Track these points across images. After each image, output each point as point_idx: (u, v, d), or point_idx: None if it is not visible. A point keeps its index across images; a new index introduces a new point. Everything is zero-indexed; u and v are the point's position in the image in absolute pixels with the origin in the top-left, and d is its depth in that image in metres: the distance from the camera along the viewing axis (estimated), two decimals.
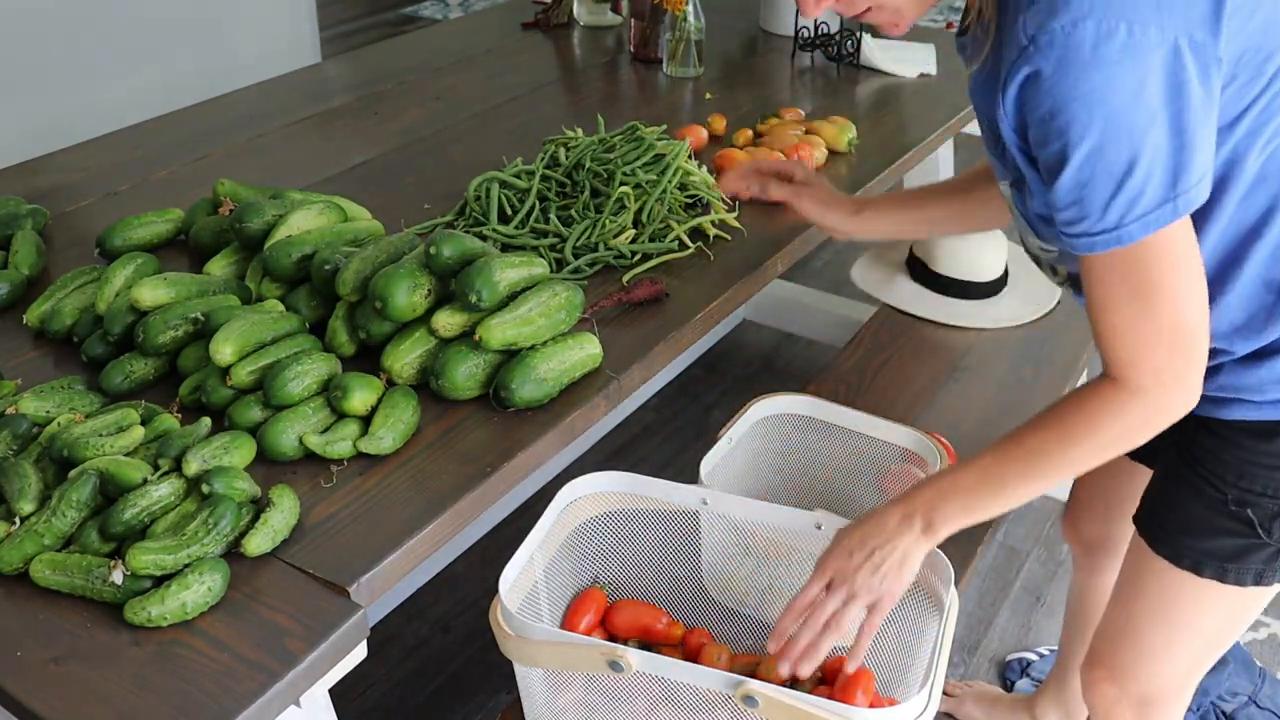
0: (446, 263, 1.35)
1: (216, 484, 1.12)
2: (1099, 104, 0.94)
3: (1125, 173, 0.96)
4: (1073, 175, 0.98)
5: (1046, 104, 0.96)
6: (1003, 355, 2.16)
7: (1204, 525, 1.24)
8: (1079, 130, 0.95)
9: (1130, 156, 0.95)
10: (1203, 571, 1.26)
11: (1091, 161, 0.96)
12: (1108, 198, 0.97)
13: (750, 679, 1.11)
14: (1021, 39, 0.96)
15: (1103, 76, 0.93)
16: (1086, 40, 0.93)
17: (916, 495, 1.16)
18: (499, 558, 1.30)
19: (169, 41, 3.49)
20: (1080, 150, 0.96)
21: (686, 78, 2.38)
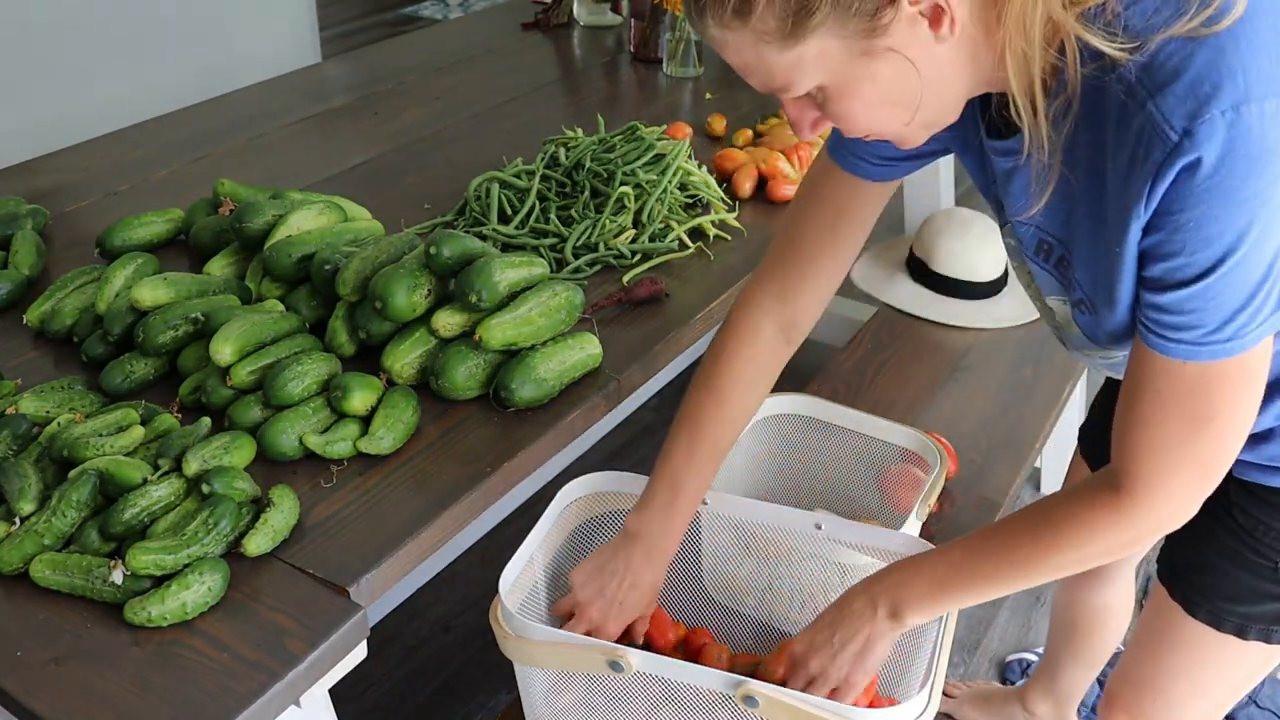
0: (446, 263, 1.35)
1: (216, 484, 1.12)
2: (1261, 205, 0.80)
3: (1263, 278, 0.83)
4: (1207, 286, 0.83)
5: (1200, 208, 0.81)
6: (1003, 355, 2.16)
7: (1251, 592, 1.17)
8: (1232, 239, 0.81)
9: (1272, 260, 0.83)
10: (1246, 635, 1.20)
11: (1232, 275, 0.82)
12: (1234, 310, 0.84)
13: (750, 679, 1.11)
14: (1169, 133, 0.79)
15: (1269, 176, 0.78)
16: (1254, 127, 0.77)
17: (884, 578, 1.11)
18: (499, 558, 1.30)
19: (169, 41, 3.48)
20: (1227, 264, 0.82)
21: (686, 78, 2.38)
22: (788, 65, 0.85)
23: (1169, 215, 0.83)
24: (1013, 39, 0.82)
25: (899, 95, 0.87)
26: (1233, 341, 0.86)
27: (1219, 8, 0.79)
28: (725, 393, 1.24)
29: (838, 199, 1.16)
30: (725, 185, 1.83)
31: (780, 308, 1.22)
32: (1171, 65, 0.79)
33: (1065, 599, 1.75)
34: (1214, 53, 0.79)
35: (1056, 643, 1.82)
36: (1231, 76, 0.78)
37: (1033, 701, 1.92)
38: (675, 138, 1.87)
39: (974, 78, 0.89)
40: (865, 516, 1.65)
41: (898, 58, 0.84)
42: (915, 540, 1.32)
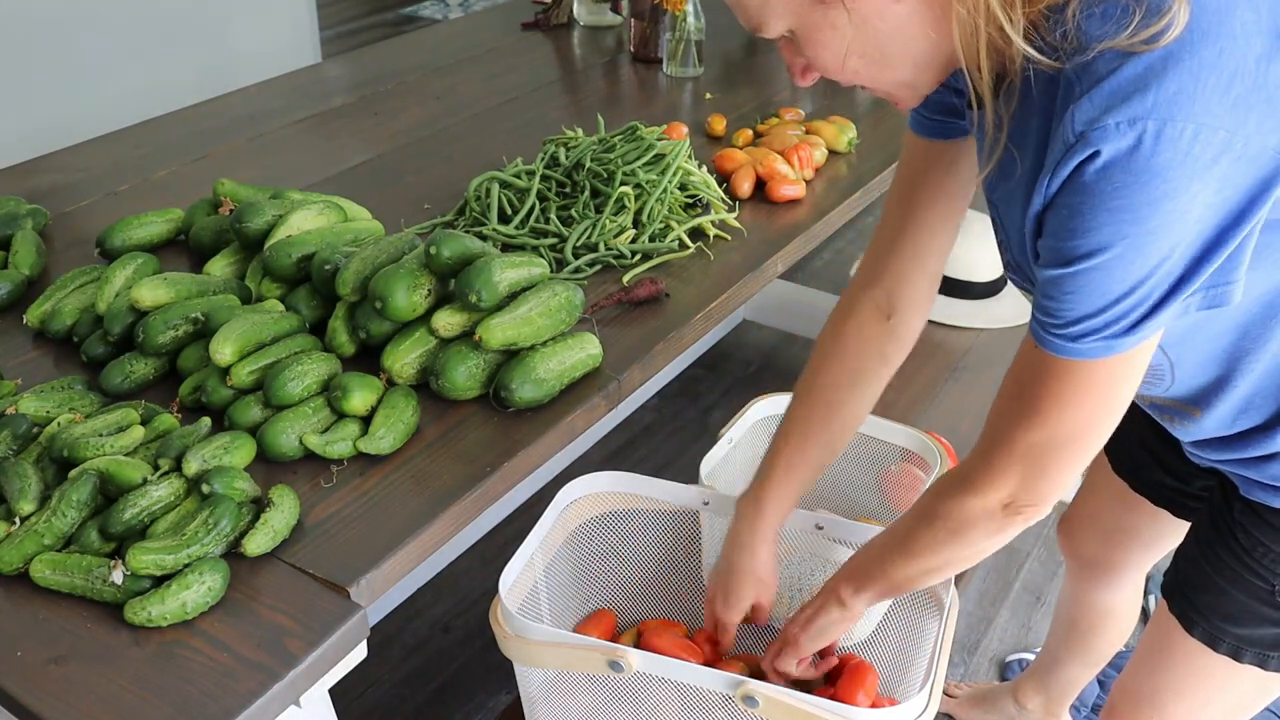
0: (446, 263, 1.35)
1: (216, 484, 1.12)
2: (1131, 222, 0.81)
3: (1120, 296, 0.85)
4: (1065, 279, 0.86)
5: (1075, 200, 0.83)
6: (1003, 355, 2.16)
7: (1247, 614, 1.17)
8: (1094, 243, 0.83)
9: (1134, 282, 0.84)
10: (1241, 658, 1.19)
11: (1090, 275, 0.84)
12: (1087, 313, 0.87)
13: (750, 679, 1.11)
14: (1069, 134, 0.81)
15: (1146, 195, 0.79)
16: (1144, 144, 0.78)
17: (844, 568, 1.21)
18: (499, 558, 1.30)
19: (169, 41, 3.49)
20: (1086, 262, 0.84)
21: (686, 78, 2.38)
22: (758, 6, 0.91)
23: (1054, 201, 0.85)
24: (957, 8, 0.85)
25: (862, 48, 0.91)
26: (1075, 343, 0.89)
27: (1164, 25, 0.79)
28: (818, 369, 1.30)
29: (911, 160, 1.18)
30: (725, 185, 1.83)
31: (873, 284, 1.25)
32: (1102, 73, 0.81)
33: (1071, 595, 1.75)
34: (1141, 68, 0.79)
35: (1057, 638, 1.82)
36: (1143, 91, 0.78)
37: (1026, 695, 1.92)
38: (673, 138, 1.87)
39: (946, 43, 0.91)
40: (865, 516, 1.65)
41: (853, 10, 0.88)
42: None
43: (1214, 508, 1.20)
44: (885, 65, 0.93)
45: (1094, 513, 1.61)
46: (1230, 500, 1.16)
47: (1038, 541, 2.53)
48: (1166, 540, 1.50)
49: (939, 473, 1.53)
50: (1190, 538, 1.26)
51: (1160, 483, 1.40)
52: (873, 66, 0.93)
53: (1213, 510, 1.20)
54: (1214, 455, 1.13)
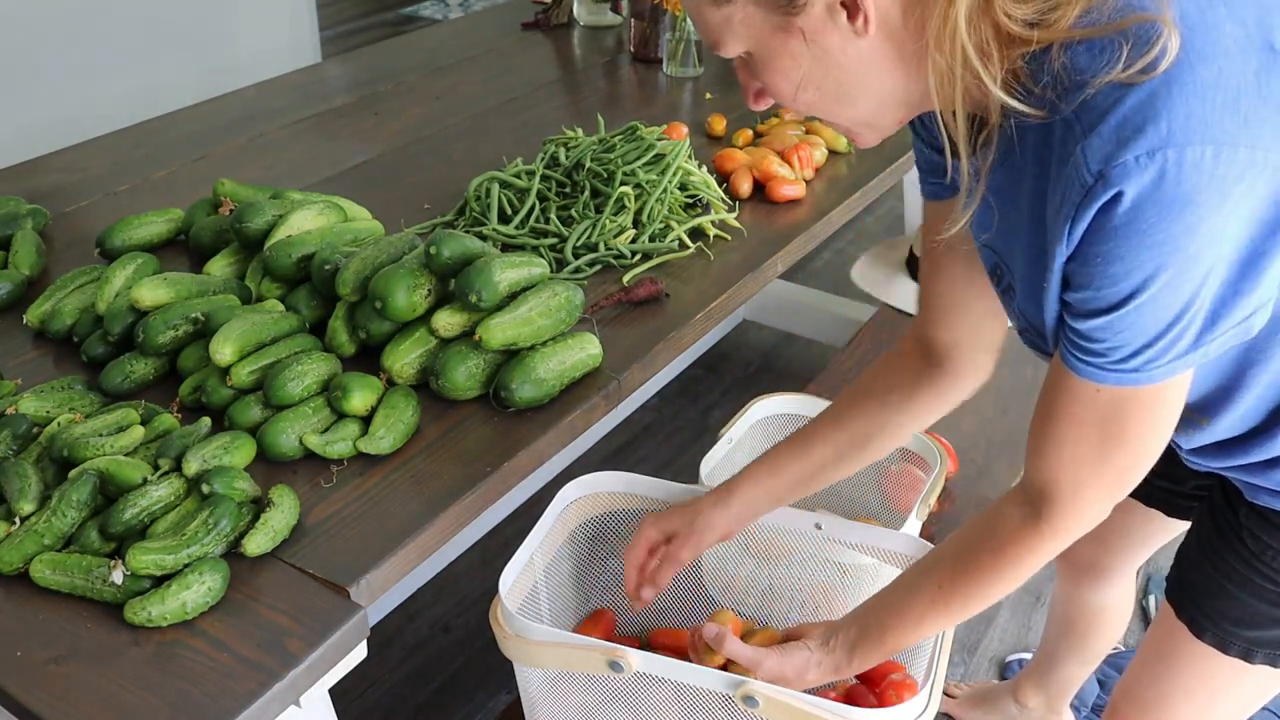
0: (446, 263, 1.35)
1: (216, 484, 1.12)
2: (1172, 253, 0.80)
3: (1173, 321, 0.84)
4: (1114, 321, 0.85)
5: (1107, 246, 0.81)
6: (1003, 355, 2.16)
7: (1258, 617, 1.17)
8: (1143, 282, 0.82)
9: (1186, 303, 0.83)
10: (1253, 659, 1.19)
11: (1141, 310, 0.83)
12: (1143, 344, 0.86)
13: (750, 679, 1.11)
14: (1085, 175, 0.80)
15: (1183, 223, 0.78)
16: (1168, 175, 0.77)
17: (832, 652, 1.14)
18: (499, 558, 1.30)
19: (169, 41, 3.49)
20: (1134, 301, 0.83)
21: (686, 78, 2.38)
22: (719, 23, 0.89)
23: (1083, 249, 0.84)
24: (934, 55, 0.84)
25: (820, 81, 0.90)
26: (1140, 373, 0.88)
27: (1156, 54, 0.78)
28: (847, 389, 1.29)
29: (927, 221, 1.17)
30: (725, 185, 1.83)
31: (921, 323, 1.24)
32: (1103, 108, 0.79)
33: (1064, 595, 1.75)
34: (1144, 96, 0.78)
35: (1053, 638, 1.82)
36: (1155, 120, 0.77)
37: (1025, 694, 1.92)
38: (673, 138, 1.87)
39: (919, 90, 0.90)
40: (865, 516, 1.65)
41: (813, 42, 0.87)
42: (915, 540, 1.32)
43: (1217, 511, 1.20)
44: (842, 100, 0.92)
45: None
46: (1235, 505, 1.16)
47: None
48: (1158, 538, 1.51)
49: (939, 473, 1.53)
50: (1193, 541, 1.26)
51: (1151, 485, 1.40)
52: (829, 100, 0.92)
53: (1215, 514, 1.20)
54: (1213, 462, 1.13)
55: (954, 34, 0.82)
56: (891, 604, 1.13)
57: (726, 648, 1.16)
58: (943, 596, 1.08)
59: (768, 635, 1.20)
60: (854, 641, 1.14)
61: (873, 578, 1.39)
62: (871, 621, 1.14)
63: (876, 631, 1.13)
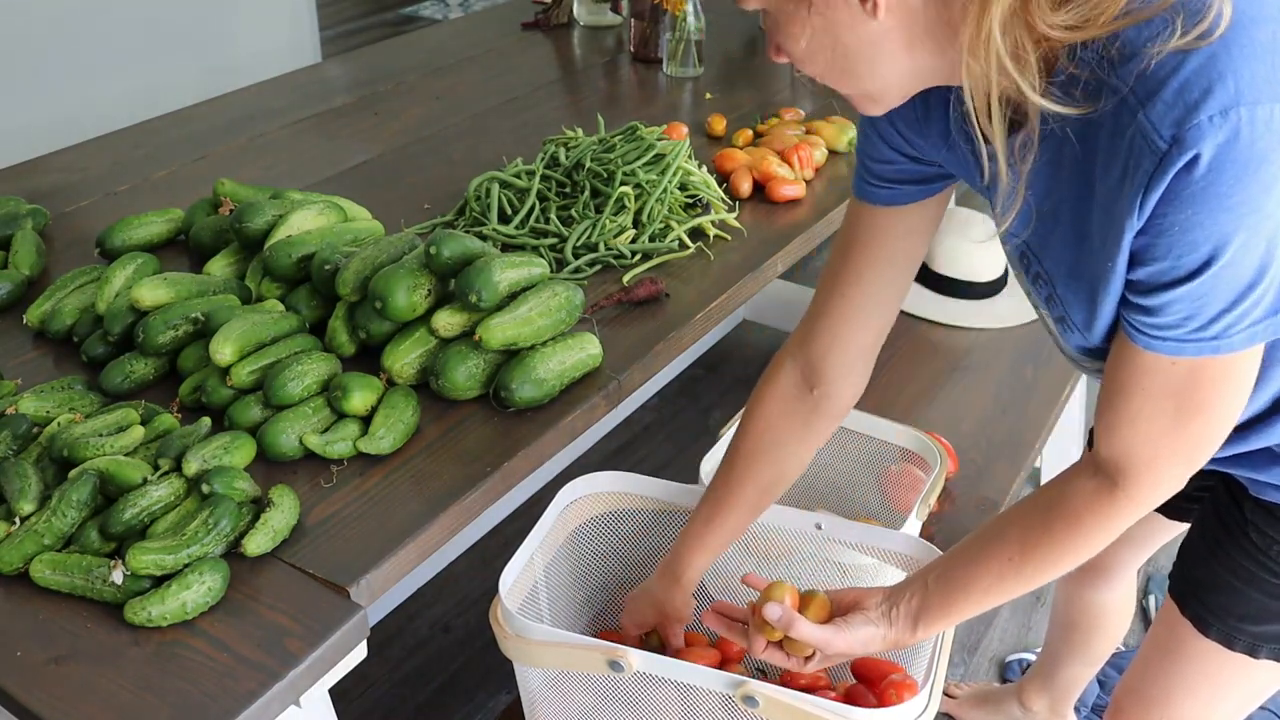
0: (446, 263, 1.35)
1: (216, 484, 1.12)
2: (1251, 213, 0.79)
3: (1251, 283, 0.83)
4: (1192, 289, 0.83)
5: (1186, 213, 0.80)
6: (1003, 355, 2.16)
7: (1264, 612, 1.16)
8: (1222, 246, 0.81)
9: (1262, 265, 0.82)
10: (1258, 654, 1.19)
11: (1219, 276, 0.82)
12: (1222, 309, 0.84)
13: (750, 679, 1.11)
14: (1157, 142, 0.79)
15: (1259, 182, 0.78)
16: (1242, 133, 0.77)
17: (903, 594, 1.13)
18: (499, 558, 1.30)
19: (169, 41, 3.49)
20: (1212, 267, 0.82)
21: (686, 78, 2.38)
22: None
23: (1157, 220, 0.82)
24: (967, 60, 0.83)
25: (827, 53, 0.90)
26: (1219, 340, 0.86)
27: (1211, 21, 0.78)
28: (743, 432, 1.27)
29: (849, 228, 1.16)
30: (725, 185, 1.83)
31: (799, 351, 1.23)
32: (1162, 74, 0.79)
33: (1065, 596, 1.75)
34: (1204, 59, 0.78)
35: (1056, 640, 1.82)
36: (1221, 81, 0.77)
37: (1029, 697, 1.92)
38: (673, 138, 1.87)
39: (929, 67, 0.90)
40: (865, 516, 1.65)
41: (821, 14, 0.87)
42: (915, 540, 1.32)
43: (1221, 508, 1.20)
44: (847, 74, 0.92)
45: None
46: (1240, 501, 1.15)
47: None
48: (1158, 538, 1.51)
49: (939, 473, 1.53)
50: (1197, 538, 1.26)
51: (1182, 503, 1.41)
52: (834, 71, 0.92)
53: (1220, 510, 1.20)
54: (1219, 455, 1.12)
55: (988, 41, 0.81)
56: (957, 576, 1.10)
57: (795, 630, 1.13)
58: (1013, 568, 1.06)
59: (821, 604, 1.17)
60: (917, 612, 1.12)
61: (873, 578, 1.39)
62: (935, 590, 1.11)
63: (941, 602, 1.11)
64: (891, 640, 1.13)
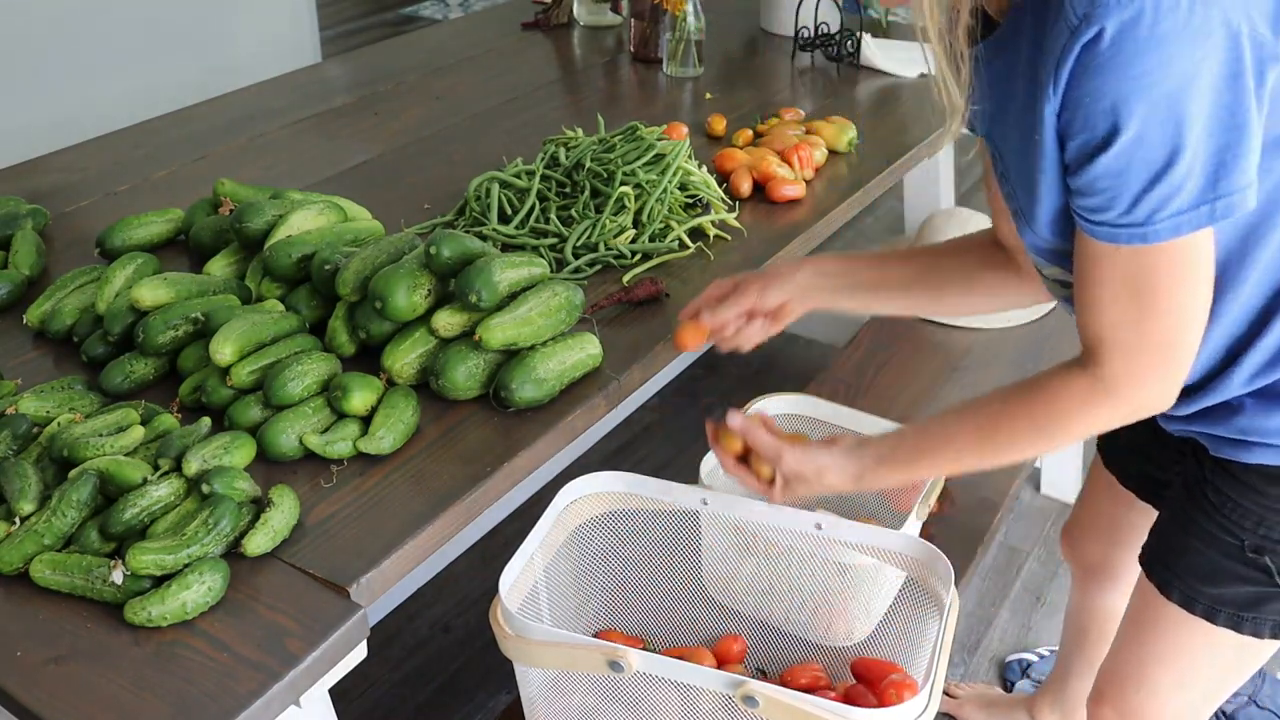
0: (446, 263, 1.35)
1: (216, 484, 1.12)
2: (1150, 86, 0.87)
3: (1165, 165, 0.90)
4: (1109, 162, 0.91)
5: (1094, 82, 0.89)
6: (1003, 355, 2.16)
7: (1219, 572, 1.19)
8: (1125, 114, 0.89)
9: (1173, 148, 0.89)
10: (1216, 619, 1.21)
11: (1131, 149, 0.90)
12: (1140, 190, 0.91)
13: (750, 679, 1.11)
14: (1072, 18, 0.88)
15: (1158, 58, 0.86)
16: (1145, 14, 0.85)
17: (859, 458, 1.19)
18: (499, 558, 1.30)
19: (169, 41, 3.49)
20: (1123, 136, 0.89)
21: (686, 78, 2.38)
22: None
23: (1070, 93, 0.91)
24: None
25: None
26: (1145, 228, 0.93)
27: None
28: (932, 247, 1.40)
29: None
30: (725, 185, 1.83)
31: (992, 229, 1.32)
32: None
33: (1076, 603, 1.76)
34: None
35: (1068, 649, 1.82)
36: None
37: (1041, 710, 1.92)
38: (673, 138, 1.87)
39: None
40: (865, 516, 1.65)
41: None
42: (915, 540, 1.32)
43: (1187, 474, 1.22)
44: None
45: (1093, 515, 1.63)
46: (1201, 462, 1.19)
47: (1038, 542, 2.53)
48: None
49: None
50: (1166, 511, 1.29)
51: (1144, 474, 1.44)
52: None
53: (1186, 476, 1.22)
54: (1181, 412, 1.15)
55: None
56: (931, 432, 1.16)
57: (752, 437, 1.19)
58: (985, 436, 1.11)
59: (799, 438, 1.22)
60: (883, 455, 1.17)
61: (873, 578, 1.39)
62: (907, 443, 1.18)
63: (909, 453, 1.17)
64: (851, 473, 1.19)
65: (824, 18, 2.48)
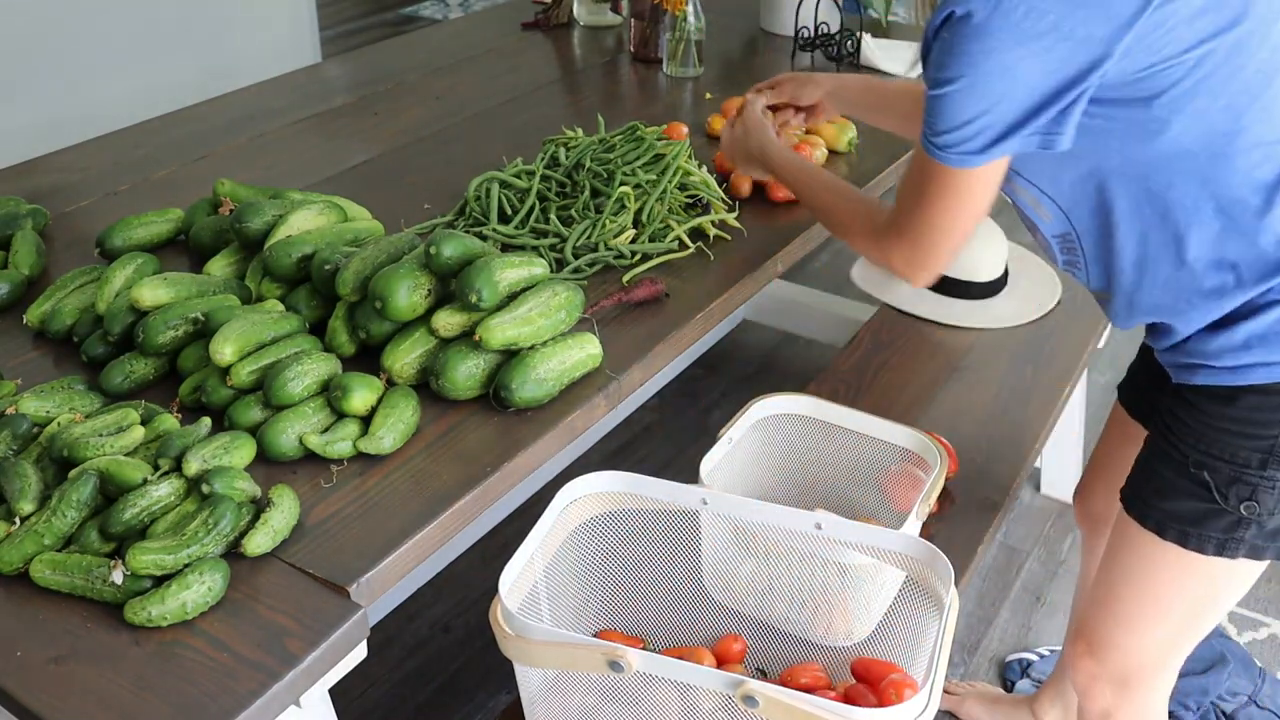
0: (446, 263, 1.35)
1: (216, 484, 1.12)
2: (969, 66, 1.12)
3: (968, 120, 1.15)
4: (932, 99, 1.18)
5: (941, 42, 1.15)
6: (1003, 355, 2.16)
7: (1169, 487, 1.31)
8: (947, 76, 1.15)
9: (978, 111, 1.14)
10: (1166, 534, 1.32)
11: (946, 99, 1.16)
12: (946, 129, 1.17)
13: (750, 679, 1.11)
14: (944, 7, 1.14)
15: (980, 48, 1.11)
16: (976, 13, 1.10)
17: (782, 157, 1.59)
18: (499, 558, 1.30)
19: (169, 41, 3.49)
20: (942, 89, 1.16)
21: (686, 78, 2.38)
22: None
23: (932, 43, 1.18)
24: None
25: None
26: (941, 151, 1.19)
27: None
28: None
29: None
30: (725, 185, 1.83)
31: None
32: None
33: (1084, 573, 1.81)
34: None
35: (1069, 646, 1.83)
36: None
37: (1042, 706, 1.92)
38: (673, 138, 1.87)
39: None
40: (865, 516, 1.65)
41: None
42: (915, 540, 1.32)
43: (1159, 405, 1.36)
44: None
45: (1103, 462, 1.70)
46: (1166, 391, 1.34)
47: (1038, 542, 2.53)
48: None
49: (939, 473, 1.53)
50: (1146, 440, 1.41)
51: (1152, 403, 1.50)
52: None
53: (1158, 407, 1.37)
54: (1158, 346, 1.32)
55: None
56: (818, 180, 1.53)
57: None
58: (828, 205, 1.50)
59: None
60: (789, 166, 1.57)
61: (873, 578, 1.39)
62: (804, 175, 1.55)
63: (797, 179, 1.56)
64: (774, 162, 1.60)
65: (824, 18, 2.48)
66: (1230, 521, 1.28)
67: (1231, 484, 1.26)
